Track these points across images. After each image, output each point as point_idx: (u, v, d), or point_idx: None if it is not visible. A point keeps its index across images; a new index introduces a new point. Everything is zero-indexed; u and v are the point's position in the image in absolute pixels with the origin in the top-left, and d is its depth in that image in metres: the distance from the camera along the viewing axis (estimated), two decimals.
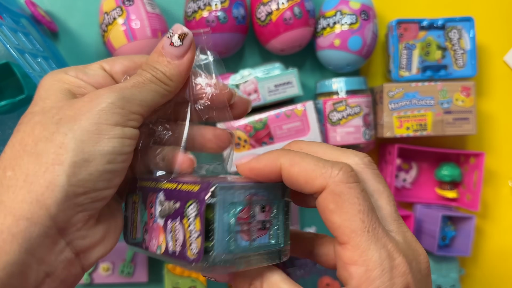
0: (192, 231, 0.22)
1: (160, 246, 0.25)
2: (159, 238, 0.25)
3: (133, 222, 0.28)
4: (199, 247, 0.22)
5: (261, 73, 0.62)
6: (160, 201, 0.26)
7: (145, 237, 0.27)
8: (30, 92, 0.57)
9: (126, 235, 0.29)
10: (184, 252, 0.23)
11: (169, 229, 0.24)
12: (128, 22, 0.59)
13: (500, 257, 0.73)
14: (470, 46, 0.66)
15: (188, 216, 0.23)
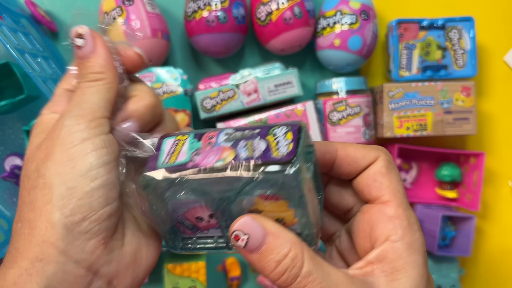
0: (280, 141, 0.24)
1: (223, 159, 0.24)
2: (222, 154, 0.25)
3: (173, 152, 0.26)
4: (290, 149, 0.23)
5: (261, 73, 0.62)
6: (227, 133, 0.26)
7: (193, 158, 0.25)
8: (30, 92, 0.57)
9: (153, 163, 0.26)
10: (269, 154, 0.24)
11: (241, 145, 0.25)
12: (128, 22, 0.59)
13: (500, 257, 0.73)
14: (470, 46, 0.66)
15: (275, 134, 0.25)
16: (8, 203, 0.64)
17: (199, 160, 0.25)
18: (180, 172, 0.25)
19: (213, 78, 0.64)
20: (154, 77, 0.61)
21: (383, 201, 0.26)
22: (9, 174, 0.61)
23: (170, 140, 0.27)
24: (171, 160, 0.25)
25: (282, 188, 0.23)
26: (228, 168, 0.24)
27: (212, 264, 0.69)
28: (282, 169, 0.23)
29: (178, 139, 0.27)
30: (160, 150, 0.26)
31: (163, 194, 0.25)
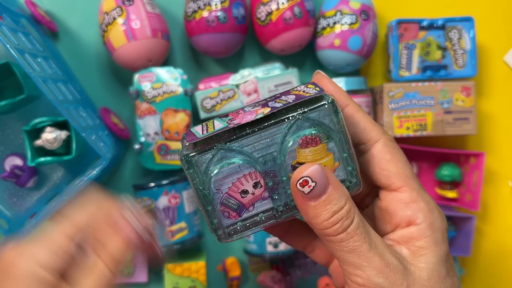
0: (305, 90, 0.26)
1: (261, 113, 0.25)
2: (257, 111, 0.25)
3: (207, 128, 0.26)
4: (318, 90, 0.25)
5: (261, 73, 0.62)
6: (251, 105, 0.27)
7: (230, 123, 0.25)
8: (30, 92, 0.57)
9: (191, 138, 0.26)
10: (302, 97, 0.25)
11: (272, 102, 0.26)
12: (128, 22, 0.59)
13: (500, 257, 0.73)
14: (470, 46, 0.66)
15: (297, 89, 0.27)
16: (8, 203, 0.64)
17: (238, 119, 0.25)
18: (220, 136, 0.25)
19: (213, 78, 0.64)
20: (154, 77, 0.61)
21: (395, 188, 0.26)
22: (9, 174, 0.61)
23: (197, 127, 0.27)
24: (209, 130, 0.25)
25: (321, 124, 0.25)
26: (269, 117, 0.25)
27: (212, 264, 0.69)
28: (319, 103, 0.25)
29: (205, 124, 0.27)
30: (192, 133, 0.26)
31: (207, 169, 0.25)
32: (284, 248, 0.64)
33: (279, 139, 0.25)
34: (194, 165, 0.25)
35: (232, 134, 0.25)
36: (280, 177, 0.26)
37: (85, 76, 0.67)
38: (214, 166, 0.25)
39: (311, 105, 0.25)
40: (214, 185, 0.26)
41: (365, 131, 0.27)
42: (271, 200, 0.27)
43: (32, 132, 0.57)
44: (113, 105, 0.67)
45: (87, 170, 0.56)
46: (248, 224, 0.27)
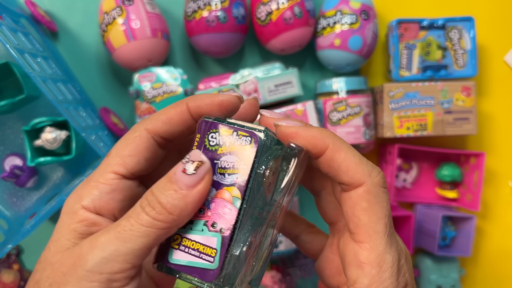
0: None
1: (236, 197, 0.24)
2: (225, 195, 0.25)
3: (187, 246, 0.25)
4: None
5: (261, 73, 0.62)
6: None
7: (204, 220, 0.25)
8: (30, 92, 0.57)
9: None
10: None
11: (219, 171, 0.26)
12: (127, 22, 0.59)
13: (501, 257, 0.73)
14: (470, 46, 0.66)
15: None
16: (8, 203, 0.64)
17: (225, 225, 0.24)
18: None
19: (213, 78, 0.64)
20: (154, 77, 0.61)
21: (358, 240, 0.24)
22: (8, 174, 0.61)
23: (183, 256, 0.25)
24: (205, 251, 0.24)
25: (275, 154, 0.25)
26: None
27: None
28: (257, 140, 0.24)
29: (187, 247, 0.25)
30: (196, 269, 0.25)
31: (239, 271, 0.25)
32: (284, 248, 0.63)
33: (257, 199, 0.25)
34: (239, 283, 0.25)
35: (227, 239, 0.24)
36: (274, 209, 0.26)
37: (85, 76, 0.67)
38: (239, 265, 0.24)
39: (260, 155, 0.24)
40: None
41: (348, 173, 0.24)
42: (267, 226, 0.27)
43: (32, 132, 0.57)
44: (113, 105, 0.67)
45: (87, 170, 0.56)
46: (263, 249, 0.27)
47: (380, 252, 0.23)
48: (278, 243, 0.63)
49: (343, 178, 0.24)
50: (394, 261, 0.24)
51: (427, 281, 0.67)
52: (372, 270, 0.23)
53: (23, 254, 0.68)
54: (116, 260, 0.22)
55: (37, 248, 0.69)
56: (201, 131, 0.25)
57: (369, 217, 0.24)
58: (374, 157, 0.72)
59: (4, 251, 0.52)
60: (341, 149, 0.24)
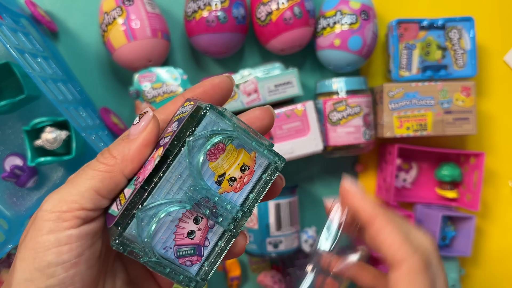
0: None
1: (158, 155, 0.25)
2: (155, 154, 0.26)
3: (118, 197, 0.26)
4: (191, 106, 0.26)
5: (261, 73, 0.62)
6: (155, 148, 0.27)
7: (138, 176, 0.26)
8: (30, 92, 0.57)
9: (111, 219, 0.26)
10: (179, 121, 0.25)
11: (165, 136, 0.26)
12: (128, 22, 0.59)
13: (500, 257, 0.73)
14: (470, 46, 0.66)
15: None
16: (8, 203, 0.64)
17: (142, 177, 0.24)
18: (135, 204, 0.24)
19: None
20: (154, 77, 0.61)
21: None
22: (9, 174, 0.61)
23: (112, 206, 0.26)
24: (122, 202, 0.25)
25: (214, 132, 0.24)
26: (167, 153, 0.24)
27: None
28: (199, 116, 0.24)
29: (117, 198, 0.26)
30: (111, 215, 0.26)
31: (140, 237, 0.24)
32: (284, 248, 0.64)
33: (186, 170, 0.24)
34: (128, 244, 0.24)
35: (143, 193, 0.24)
36: (213, 198, 0.25)
37: (85, 76, 0.67)
38: (145, 231, 0.24)
39: (194, 122, 0.24)
40: (158, 247, 0.25)
41: (390, 251, 0.26)
42: (218, 224, 0.26)
43: (32, 132, 0.57)
44: (113, 105, 0.67)
45: None
46: (213, 259, 0.26)
47: None
48: (278, 242, 0.63)
49: (385, 252, 0.26)
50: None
51: None
52: None
53: None
54: (66, 201, 0.24)
55: None
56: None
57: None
58: (374, 157, 0.72)
59: (5, 250, 0.52)
60: (387, 226, 0.26)
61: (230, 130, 0.24)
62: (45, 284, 0.23)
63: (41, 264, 0.23)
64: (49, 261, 0.23)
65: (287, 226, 0.64)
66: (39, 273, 0.23)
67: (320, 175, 0.71)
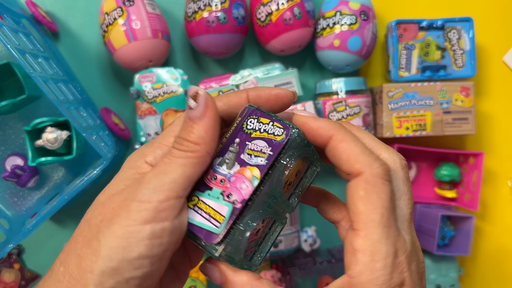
0: (265, 129, 0.27)
1: (255, 177, 0.26)
2: (245, 172, 0.27)
3: (201, 208, 0.27)
4: (281, 126, 0.27)
5: (261, 73, 0.63)
6: (226, 159, 0.28)
7: (220, 189, 0.27)
8: (31, 92, 0.57)
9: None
10: (273, 143, 0.27)
11: (248, 158, 0.27)
12: (128, 22, 0.59)
13: (499, 257, 0.73)
14: (469, 47, 0.67)
15: (254, 128, 0.28)
16: (9, 203, 0.64)
17: (239, 197, 0.26)
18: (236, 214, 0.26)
19: (213, 78, 0.64)
20: (155, 78, 0.62)
21: (355, 228, 0.24)
22: (9, 174, 0.61)
23: (196, 217, 0.27)
24: (215, 216, 0.26)
25: (299, 153, 0.27)
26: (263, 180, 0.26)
27: None
28: (288, 142, 0.26)
29: (200, 209, 0.27)
30: (201, 229, 0.27)
31: (240, 246, 0.26)
32: (284, 248, 0.64)
33: (273, 185, 0.26)
34: (237, 258, 0.26)
35: (242, 209, 0.26)
36: (284, 204, 0.28)
37: (85, 76, 0.68)
38: (243, 242, 0.26)
39: (287, 147, 0.26)
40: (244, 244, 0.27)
41: (348, 162, 0.25)
42: (278, 222, 0.29)
43: (33, 132, 0.57)
44: (113, 105, 0.68)
45: (88, 170, 0.56)
46: (263, 248, 0.29)
47: (374, 241, 0.24)
48: (278, 242, 0.63)
49: (343, 167, 0.25)
50: (389, 254, 0.23)
51: (426, 280, 0.67)
52: (364, 258, 0.24)
53: (24, 253, 0.68)
54: (162, 189, 0.24)
55: (38, 247, 0.69)
56: (243, 115, 0.27)
57: (365, 205, 0.24)
58: None
59: (5, 250, 0.52)
60: (344, 140, 0.25)
61: (311, 148, 0.28)
62: (129, 275, 0.23)
63: (132, 255, 0.23)
64: (140, 252, 0.23)
65: (287, 226, 0.64)
66: (127, 264, 0.23)
67: (320, 175, 0.71)
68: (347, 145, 0.25)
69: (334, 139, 0.26)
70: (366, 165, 0.24)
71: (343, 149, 0.25)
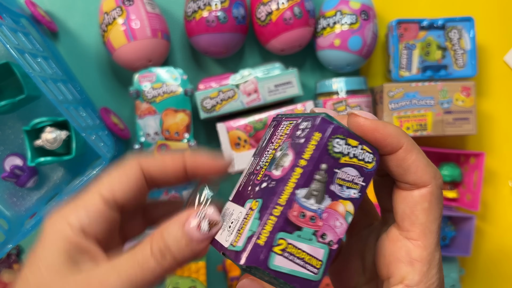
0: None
1: (349, 213, 0.24)
2: (338, 207, 0.24)
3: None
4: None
5: (261, 73, 0.62)
6: (315, 192, 0.24)
7: (314, 229, 0.23)
8: (30, 92, 0.57)
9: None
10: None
11: (337, 182, 0.24)
12: (128, 22, 0.59)
13: (500, 257, 0.73)
14: (470, 46, 0.66)
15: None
16: (8, 203, 0.64)
17: (335, 237, 0.23)
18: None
19: (213, 78, 0.64)
20: (154, 77, 0.61)
21: (412, 238, 0.25)
22: (9, 174, 0.61)
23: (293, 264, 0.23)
24: (316, 264, 0.23)
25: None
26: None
27: (212, 264, 0.69)
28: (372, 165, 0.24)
29: (301, 258, 0.24)
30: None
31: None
32: None
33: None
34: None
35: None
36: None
37: (85, 76, 0.67)
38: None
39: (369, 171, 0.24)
40: None
41: (417, 174, 0.25)
42: None
43: (32, 132, 0.57)
44: (113, 105, 0.67)
45: (87, 170, 0.56)
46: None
47: (432, 250, 0.24)
48: None
49: (411, 178, 0.25)
50: (440, 259, 0.25)
51: None
52: (423, 267, 0.24)
53: (23, 254, 0.68)
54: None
55: None
56: (325, 131, 0.23)
57: (427, 217, 0.24)
58: None
59: (5, 251, 0.52)
60: (413, 150, 0.25)
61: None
62: None
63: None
64: None
65: None
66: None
67: None
68: (416, 156, 0.25)
69: (405, 149, 0.25)
70: (432, 176, 0.25)
71: (412, 160, 0.25)
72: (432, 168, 0.25)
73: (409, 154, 0.25)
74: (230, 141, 0.61)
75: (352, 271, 0.29)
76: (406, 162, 0.25)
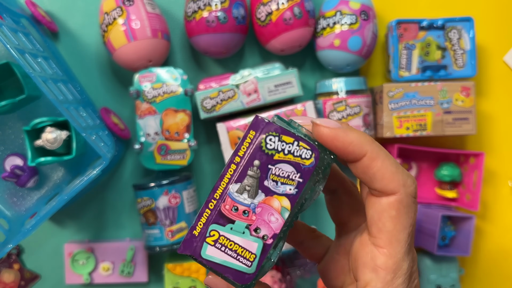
0: (291, 151, 0.24)
1: (284, 208, 0.24)
2: (274, 208, 0.24)
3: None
4: (309, 147, 0.24)
5: (261, 73, 0.63)
6: (248, 191, 0.25)
7: (261, 236, 0.25)
8: (30, 92, 0.57)
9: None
10: (301, 167, 0.24)
11: (274, 185, 0.24)
12: (128, 22, 0.59)
13: (500, 257, 0.73)
14: (470, 46, 0.67)
15: (276, 149, 0.25)
16: (8, 203, 0.64)
17: (270, 232, 0.24)
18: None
19: (213, 78, 0.64)
20: (154, 77, 0.61)
21: (378, 245, 0.24)
22: (9, 174, 0.61)
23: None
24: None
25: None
26: (293, 210, 0.24)
27: None
28: (324, 169, 0.24)
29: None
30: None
31: (267, 267, 0.25)
32: (284, 248, 0.64)
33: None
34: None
35: (274, 241, 0.24)
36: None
37: (85, 76, 0.67)
38: (270, 267, 0.25)
39: (322, 174, 0.24)
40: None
41: (383, 181, 0.24)
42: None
43: (33, 132, 0.57)
44: (113, 105, 0.68)
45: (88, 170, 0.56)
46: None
47: (398, 259, 0.24)
48: None
49: (377, 185, 0.24)
50: (408, 269, 0.24)
51: (427, 281, 0.67)
52: (387, 276, 0.24)
53: (23, 253, 0.68)
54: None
55: (37, 248, 0.69)
56: (258, 129, 0.24)
57: (394, 225, 0.24)
58: None
59: (5, 250, 0.52)
60: (378, 157, 0.24)
61: (331, 162, 0.25)
62: None
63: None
64: None
65: None
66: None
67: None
68: (381, 163, 0.24)
69: (368, 156, 0.24)
70: (401, 184, 0.24)
71: (378, 168, 0.24)
72: (401, 176, 0.24)
73: (374, 162, 0.24)
74: (230, 141, 0.62)
75: (339, 270, 0.29)
76: (371, 170, 0.24)
